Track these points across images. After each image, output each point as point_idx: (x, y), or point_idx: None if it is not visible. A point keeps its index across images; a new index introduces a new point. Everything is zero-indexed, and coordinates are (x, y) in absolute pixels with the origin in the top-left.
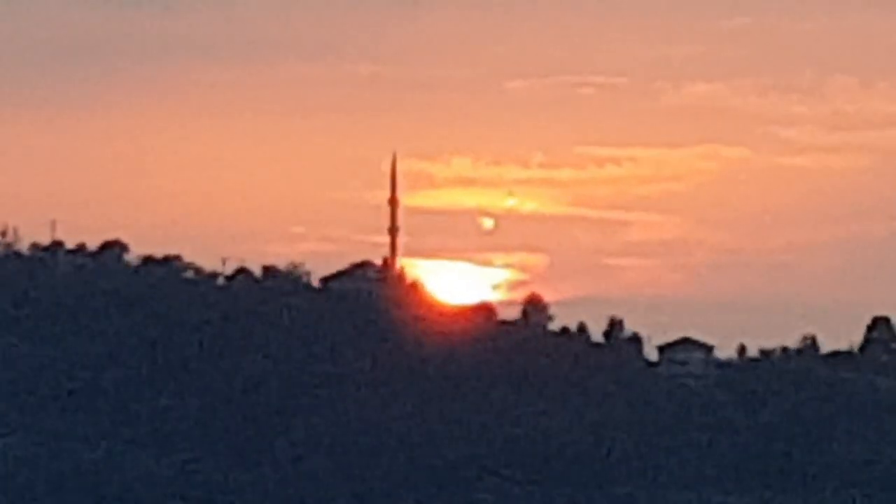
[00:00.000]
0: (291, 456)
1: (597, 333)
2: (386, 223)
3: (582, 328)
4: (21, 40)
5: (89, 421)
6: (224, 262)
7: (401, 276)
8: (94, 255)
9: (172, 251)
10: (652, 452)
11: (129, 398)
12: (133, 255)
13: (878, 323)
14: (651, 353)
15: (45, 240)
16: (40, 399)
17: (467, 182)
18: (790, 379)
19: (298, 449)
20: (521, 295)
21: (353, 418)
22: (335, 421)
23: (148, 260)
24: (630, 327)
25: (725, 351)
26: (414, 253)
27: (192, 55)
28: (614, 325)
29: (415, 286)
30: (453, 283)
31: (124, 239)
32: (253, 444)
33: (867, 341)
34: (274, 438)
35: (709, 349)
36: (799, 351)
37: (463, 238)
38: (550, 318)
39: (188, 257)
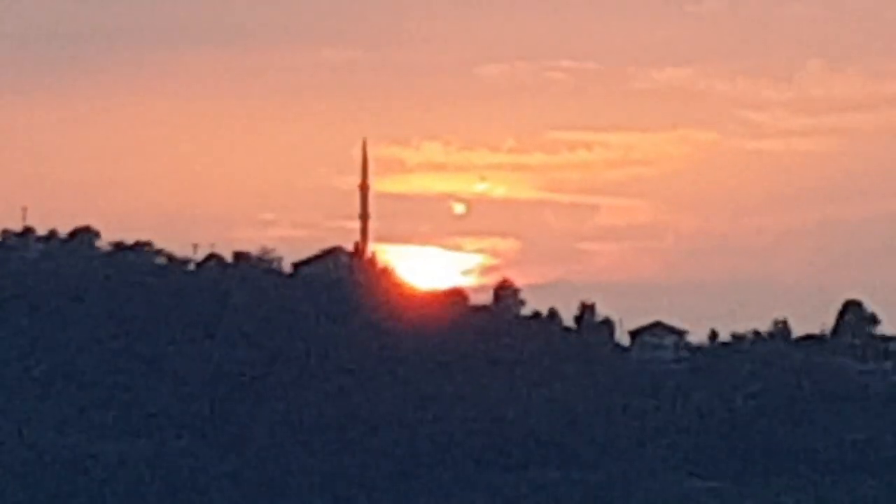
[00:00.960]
0: (263, 441)
1: (568, 318)
2: (357, 208)
3: (553, 313)
4: None
5: (61, 407)
6: (195, 247)
7: (372, 262)
8: (65, 241)
9: (143, 237)
10: (624, 437)
11: (101, 384)
12: (104, 242)
13: (850, 307)
14: (623, 338)
15: (16, 226)
16: (11, 386)
17: (438, 167)
18: (762, 363)
19: (270, 434)
20: (492, 280)
21: (325, 404)
22: (307, 406)
23: (119, 246)
24: (602, 312)
25: (697, 335)
26: (385, 238)
27: (162, 41)
28: (586, 310)
29: (386, 271)
30: (424, 269)
31: (95, 225)
32: (225, 430)
33: (839, 325)
34: (246, 424)
35: (680, 333)
36: (771, 335)
37: (434, 223)
38: (522, 303)
39: (159, 243)
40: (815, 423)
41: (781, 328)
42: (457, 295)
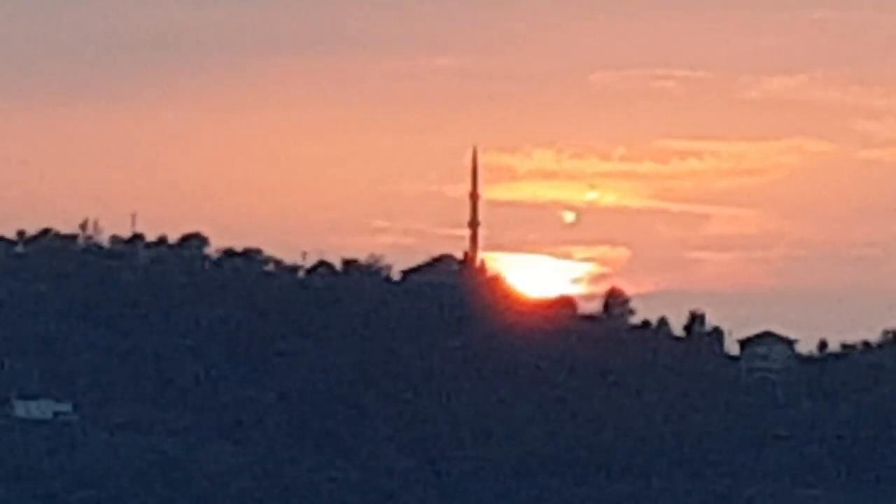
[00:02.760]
0: (372, 450)
1: (678, 327)
2: (466, 216)
3: (663, 322)
4: (92, 33)
5: (170, 413)
6: (304, 255)
7: (481, 270)
8: (174, 247)
9: (252, 244)
10: (733, 446)
11: (210, 390)
12: (213, 248)
13: None
14: (732, 347)
15: (125, 232)
16: (121, 391)
17: (548, 175)
18: (871, 373)
19: (379, 443)
20: (602, 288)
21: (434, 411)
22: (415, 415)
23: (228, 253)
24: (711, 321)
25: (806, 345)
26: (494, 246)
27: (273, 47)
28: (695, 319)
29: (495, 279)
30: (534, 277)
31: (204, 232)
32: (334, 438)
33: None
34: (355, 432)
35: (790, 343)
36: (880, 345)
37: (544, 231)
38: (631, 312)
39: (268, 250)
40: None
41: (892, 338)
42: (566, 303)
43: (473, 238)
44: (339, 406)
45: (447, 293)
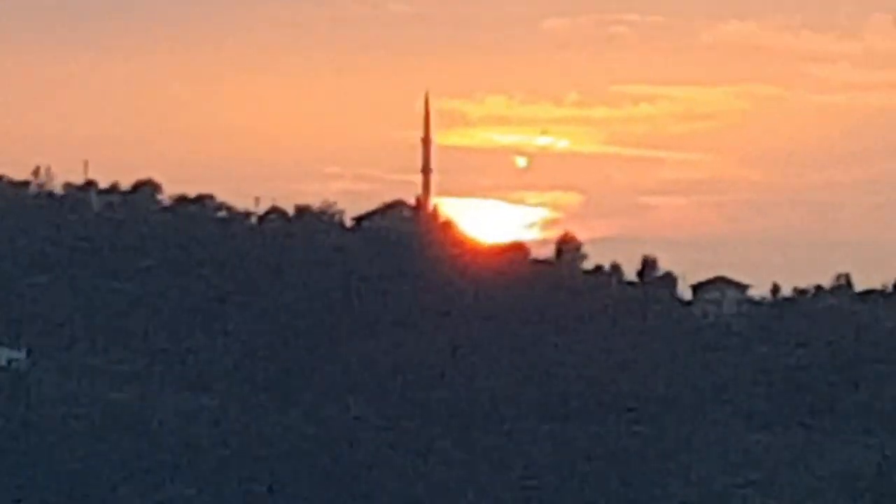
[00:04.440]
0: (325, 395)
1: (630, 272)
2: (419, 162)
3: (615, 267)
4: None
5: (122, 360)
6: (257, 201)
7: (434, 215)
8: (127, 194)
9: (205, 190)
10: (685, 391)
11: (162, 337)
12: (166, 195)
13: None
14: (685, 292)
15: (78, 179)
16: (73, 338)
17: (501, 121)
18: (824, 318)
19: (332, 388)
20: (554, 234)
21: (385, 356)
22: (368, 360)
23: (181, 199)
24: (664, 266)
25: (759, 289)
26: (447, 192)
27: None
28: (648, 264)
29: (448, 225)
30: (486, 222)
31: (157, 178)
32: (286, 383)
33: None
34: (307, 378)
35: (743, 288)
36: (833, 289)
37: (496, 177)
38: (584, 257)
39: (221, 196)
40: (876, 379)
41: (844, 282)
42: (519, 249)
43: (426, 184)
44: (292, 353)
45: (400, 239)
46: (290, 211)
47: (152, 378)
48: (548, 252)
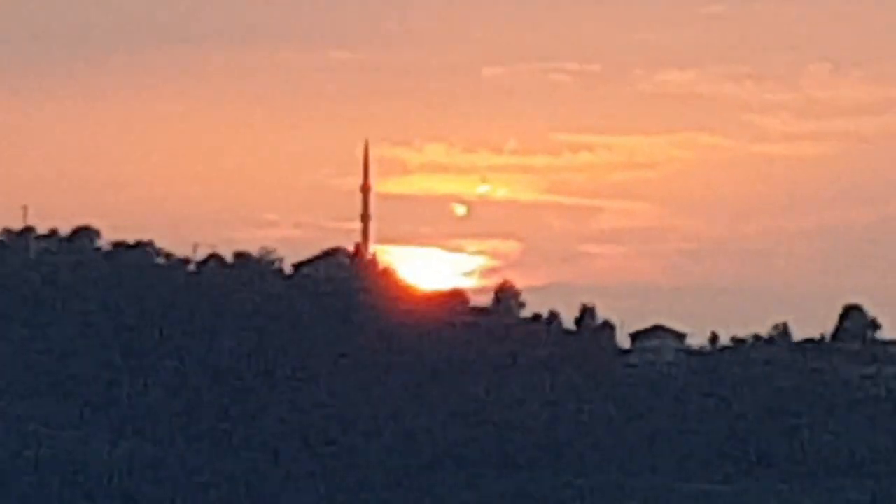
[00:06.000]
0: (263, 443)
1: (569, 321)
2: (358, 209)
3: (554, 315)
4: None
5: (60, 406)
6: (195, 247)
7: (373, 263)
8: (65, 240)
9: (144, 237)
10: (624, 440)
11: (100, 384)
12: (105, 241)
13: (851, 311)
14: (623, 341)
15: (16, 224)
16: (10, 384)
17: (440, 168)
18: (762, 367)
19: (270, 436)
20: (493, 282)
21: (325, 405)
22: (307, 408)
23: (119, 245)
24: (602, 314)
25: (698, 338)
26: (386, 239)
27: (165, 39)
28: (586, 312)
29: (387, 272)
30: (425, 270)
31: (96, 224)
32: (224, 431)
33: (839, 330)
34: (245, 425)
35: (681, 337)
36: (771, 339)
37: (435, 224)
38: (522, 305)
39: (160, 243)
40: (815, 428)
41: (782, 332)
42: (457, 296)
43: (365, 231)
44: (231, 400)
45: (338, 286)
46: (229, 258)
47: (89, 424)
48: (486, 300)
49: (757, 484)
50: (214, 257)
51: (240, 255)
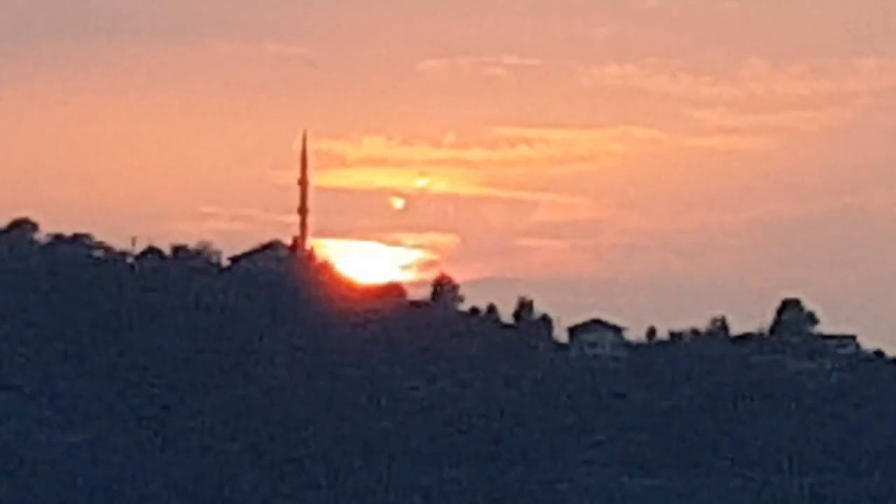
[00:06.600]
0: (200, 435)
1: (507, 314)
2: (296, 203)
3: (492, 309)
4: None
5: None
6: (133, 240)
7: (310, 256)
8: (2, 233)
9: (82, 230)
10: (562, 434)
11: (37, 377)
12: (42, 234)
13: (789, 305)
14: (561, 335)
15: None
16: None
17: (378, 162)
18: (700, 361)
19: (207, 428)
20: (431, 275)
21: (262, 398)
22: (244, 400)
23: (57, 238)
24: (540, 308)
25: (635, 332)
26: (324, 233)
27: (102, 33)
28: (524, 306)
29: (324, 266)
30: (363, 263)
31: (33, 217)
32: (161, 423)
33: (777, 323)
34: (182, 418)
35: (619, 330)
36: (709, 333)
37: (373, 218)
38: (460, 299)
39: (98, 236)
40: (752, 422)
41: (720, 326)
42: (395, 290)
43: (303, 224)
44: (168, 392)
45: (276, 279)
46: (167, 251)
47: (25, 417)
48: (424, 293)
49: (695, 478)
50: (152, 250)
51: (177, 248)
